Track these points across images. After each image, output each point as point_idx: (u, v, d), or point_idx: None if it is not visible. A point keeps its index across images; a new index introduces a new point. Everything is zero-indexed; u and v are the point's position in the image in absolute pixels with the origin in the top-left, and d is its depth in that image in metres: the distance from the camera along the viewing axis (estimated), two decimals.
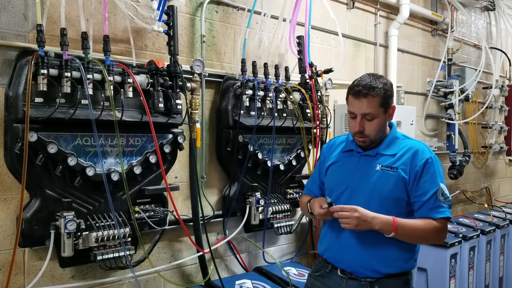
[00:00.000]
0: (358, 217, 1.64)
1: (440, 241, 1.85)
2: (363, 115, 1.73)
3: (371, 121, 1.74)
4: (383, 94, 1.72)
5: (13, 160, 1.86)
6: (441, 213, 1.70)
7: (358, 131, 1.76)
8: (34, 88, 1.84)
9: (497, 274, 3.92)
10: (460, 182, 4.75)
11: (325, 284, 1.85)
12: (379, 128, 1.77)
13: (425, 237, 1.74)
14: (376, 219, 1.66)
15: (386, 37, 3.83)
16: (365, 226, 1.66)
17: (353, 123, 1.78)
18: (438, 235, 1.76)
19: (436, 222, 1.71)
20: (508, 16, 5.18)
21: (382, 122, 1.77)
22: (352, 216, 1.64)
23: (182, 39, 2.46)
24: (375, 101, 1.71)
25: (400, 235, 1.69)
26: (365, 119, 1.74)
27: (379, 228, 1.67)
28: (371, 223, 1.66)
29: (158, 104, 2.13)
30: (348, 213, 1.65)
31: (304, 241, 3.14)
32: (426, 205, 1.71)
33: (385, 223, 1.67)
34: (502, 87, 5.11)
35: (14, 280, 1.93)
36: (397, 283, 1.77)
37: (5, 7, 1.90)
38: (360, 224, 1.65)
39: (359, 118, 1.74)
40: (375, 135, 1.78)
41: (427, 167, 1.73)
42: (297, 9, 2.76)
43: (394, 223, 1.66)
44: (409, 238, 1.73)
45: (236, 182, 2.63)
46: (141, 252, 2.25)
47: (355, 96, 1.74)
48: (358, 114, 1.74)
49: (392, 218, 1.68)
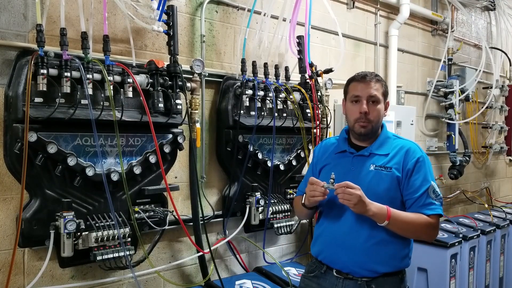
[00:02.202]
0: (359, 195, 1.64)
1: (431, 238, 1.86)
2: (369, 98, 1.77)
3: (375, 105, 1.77)
4: (384, 84, 1.85)
5: (12, 160, 1.86)
6: (432, 210, 1.74)
7: (364, 113, 1.76)
8: (34, 88, 1.84)
9: (497, 274, 3.91)
10: (460, 182, 4.75)
11: (320, 285, 1.85)
12: (380, 117, 1.81)
13: (417, 230, 1.75)
14: (372, 205, 1.68)
15: (386, 37, 3.83)
16: (362, 208, 1.66)
17: (356, 106, 1.78)
18: (430, 231, 1.77)
19: (428, 217, 1.73)
20: (508, 16, 5.17)
21: (383, 112, 1.82)
22: (355, 194, 1.64)
23: (182, 39, 2.46)
24: (380, 86, 1.80)
25: (392, 225, 1.70)
26: (370, 102, 1.77)
27: (373, 213, 1.68)
28: (367, 206, 1.66)
29: (158, 104, 2.13)
30: (353, 190, 1.65)
31: (304, 241, 3.13)
32: (417, 202, 1.74)
33: (379, 210, 1.68)
34: (502, 87, 5.11)
35: (14, 280, 1.93)
36: (393, 281, 1.79)
37: (4, 7, 1.90)
38: (359, 204, 1.65)
39: (364, 101, 1.76)
40: (376, 123, 1.80)
41: (418, 166, 1.76)
42: (297, 9, 2.76)
43: (388, 212, 1.69)
44: (400, 230, 1.74)
45: (236, 182, 2.62)
46: (141, 252, 2.24)
47: (360, 81, 1.79)
48: (363, 96, 1.77)
49: (386, 207, 1.69)
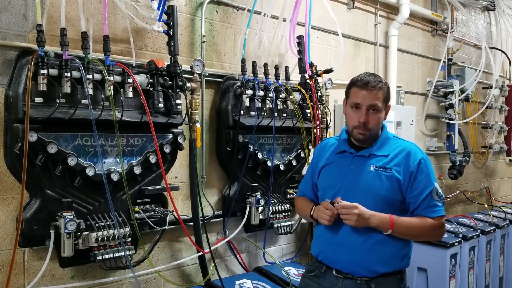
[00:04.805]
0: (358, 214, 1.68)
1: (439, 238, 1.92)
2: (369, 106, 1.74)
3: (375, 114, 1.76)
4: (387, 90, 1.80)
5: (13, 160, 1.86)
6: (436, 212, 1.77)
7: (363, 123, 1.74)
8: (34, 88, 1.84)
9: (497, 274, 3.91)
10: (460, 182, 4.75)
11: (320, 285, 1.86)
12: (380, 123, 1.80)
13: (422, 234, 1.81)
14: (374, 216, 1.71)
15: (386, 37, 3.83)
16: (364, 223, 1.70)
17: (356, 114, 1.76)
18: (436, 233, 1.82)
19: (433, 220, 1.76)
20: (508, 16, 5.18)
21: (382, 118, 1.80)
22: (352, 213, 1.69)
23: (182, 39, 2.46)
24: (381, 94, 1.76)
25: (397, 233, 1.74)
26: (371, 110, 1.75)
27: (376, 225, 1.72)
28: (369, 220, 1.70)
29: (158, 104, 2.13)
30: (349, 209, 1.69)
31: (304, 241, 3.14)
32: (422, 205, 1.76)
33: (381, 221, 1.72)
34: (502, 87, 5.11)
35: (14, 280, 1.93)
36: (393, 280, 1.80)
37: (5, 7, 1.90)
38: (360, 221, 1.69)
39: (364, 109, 1.74)
40: (375, 130, 1.80)
41: (421, 168, 1.77)
42: (297, 9, 2.76)
43: (391, 221, 1.71)
44: (406, 236, 1.79)
45: (236, 182, 2.62)
46: (141, 252, 2.25)
47: (362, 88, 1.75)
48: (364, 105, 1.74)
49: (388, 216, 1.72)
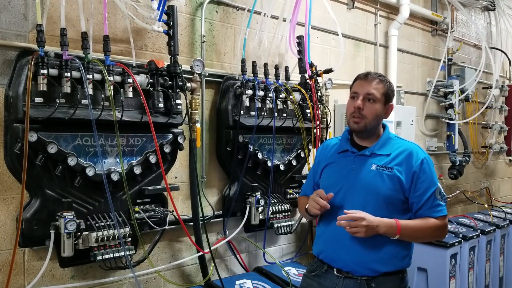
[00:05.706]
0: (366, 225, 1.68)
1: (442, 237, 1.92)
2: (366, 95, 1.78)
3: (372, 104, 1.78)
4: (388, 86, 1.83)
5: (13, 160, 1.86)
6: (440, 212, 1.78)
7: (357, 108, 1.77)
8: (34, 88, 1.84)
9: (497, 274, 3.91)
10: (460, 182, 4.75)
11: (321, 284, 1.86)
12: (376, 115, 1.80)
13: (427, 235, 1.83)
14: (381, 223, 1.71)
15: (386, 37, 3.83)
16: (372, 232, 1.70)
17: (352, 102, 1.81)
18: (440, 232, 1.83)
19: (437, 220, 1.77)
20: (508, 16, 5.18)
21: (380, 112, 1.81)
22: (361, 225, 1.67)
23: (182, 39, 2.46)
24: (381, 86, 1.80)
25: (404, 237, 1.75)
26: (367, 99, 1.78)
27: (384, 232, 1.72)
28: (377, 228, 1.70)
29: (158, 104, 2.13)
30: (357, 222, 1.68)
31: (304, 241, 3.14)
32: (425, 205, 1.77)
33: (388, 227, 1.72)
34: (502, 87, 5.11)
35: (14, 280, 1.93)
36: (393, 280, 1.80)
37: (5, 7, 1.90)
38: (368, 231, 1.69)
39: (361, 97, 1.78)
40: (371, 121, 1.79)
41: (423, 168, 1.77)
42: (297, 9, 2.76)
43: (398, 227, 1.71)
44: (412, 239, 1.81)
45: (236, 182, 2.62)
46: (141, 252, 2.25)
47: (362, 79, 1.82)
48: (361, 93, 1.79)
49: (395, 222, 1.72)
